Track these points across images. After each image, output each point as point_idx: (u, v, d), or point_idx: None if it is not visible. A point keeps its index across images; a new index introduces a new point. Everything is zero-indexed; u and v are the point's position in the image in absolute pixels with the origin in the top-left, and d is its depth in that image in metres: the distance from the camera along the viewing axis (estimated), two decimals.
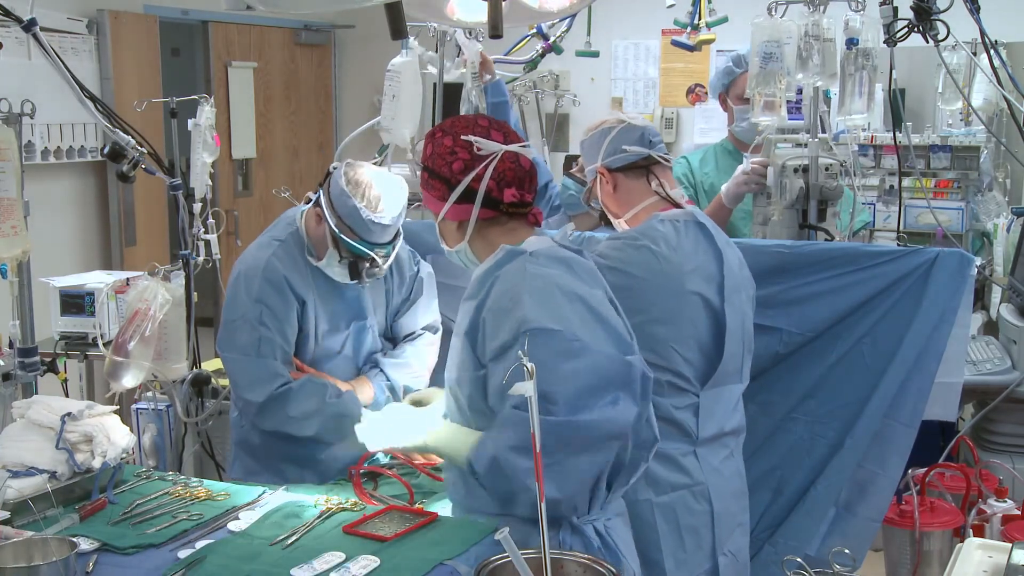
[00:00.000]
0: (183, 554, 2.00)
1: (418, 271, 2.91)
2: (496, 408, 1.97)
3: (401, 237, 2.69)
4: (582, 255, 2.12)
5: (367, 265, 2.63)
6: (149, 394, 3.10)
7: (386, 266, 2.67)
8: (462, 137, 2.04)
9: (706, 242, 2.47)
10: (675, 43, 3.82)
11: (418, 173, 3.38)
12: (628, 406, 1.93)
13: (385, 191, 2.60)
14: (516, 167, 2.05)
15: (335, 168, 2.64)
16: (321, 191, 2.63)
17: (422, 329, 2.93)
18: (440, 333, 2.95)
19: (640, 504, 2.36)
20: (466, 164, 2.03)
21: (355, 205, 2.55)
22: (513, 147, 2.05)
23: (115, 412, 2.43)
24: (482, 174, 2.02)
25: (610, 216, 2.60)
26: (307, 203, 2.72)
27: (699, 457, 2.42)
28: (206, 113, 3.27)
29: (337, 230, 2.58)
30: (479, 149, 2.02)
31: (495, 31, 2.25)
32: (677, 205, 2.51)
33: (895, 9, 2.85)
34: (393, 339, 2.92)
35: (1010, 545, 1.84)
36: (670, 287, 2.39)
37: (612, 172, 2.53)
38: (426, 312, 2.93)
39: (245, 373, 2.64)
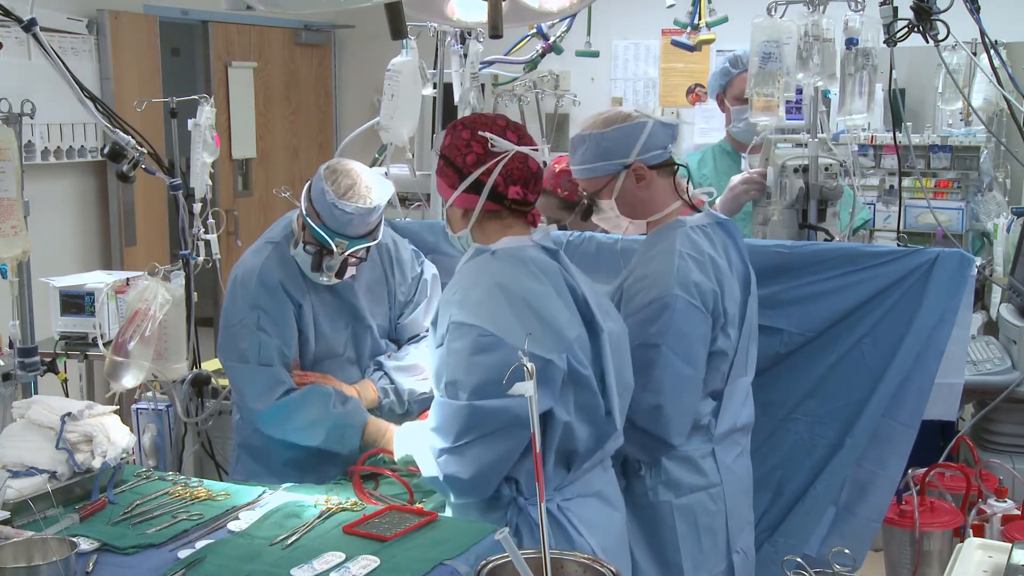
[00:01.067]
0: (183, 554, 2.00)
1: (422, 272, 2.90)
2: (435, 391, 2.15)
3: (376, 239, 2.63)
4: (558, 255, 2.22)
5: (329, 257, 2.59)
6: (149, 394, 3.11)
7: (340, 260, 2.58)
8: (479, 132, 2.15)
9: (730, 241, 2.51)
10: (675, 43, 3.82)
11: (417, 173, 3.42)
12: (539, 399, 1.95)
13: (360, 184, 2.56)
14: (524, 167, 2.17)
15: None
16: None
17: (425, 330, 2.90)
18: None
19: (661, 506, 2.40)
20: (479, 158, 2.16)
21: (323, 188, 2.54)
22: (524, 149, 2.17)
23: (115, 412, 2.43)
24: (491, 169, 2.14)
25: (621, 215, 2.52)
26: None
27: (715, 456, 2.45)
28: (206, 113, 3.27)
29: (306, 212, 2.57)
30: (493, 146, 2.14)
31: (495, 31, 2.25)
32: (695, 206, 2.50)
33: (895, 9, 2.85)
34: (397, 341, 2.91)
35: (1010, 545, 1.84)
36: (727, 294, 2.42)
37: (650, 169, 2.47)
38: (431, 313, 2.90)
39: (248, 381, 2.62)
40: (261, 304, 2.62)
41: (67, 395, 3.46)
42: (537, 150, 2.20)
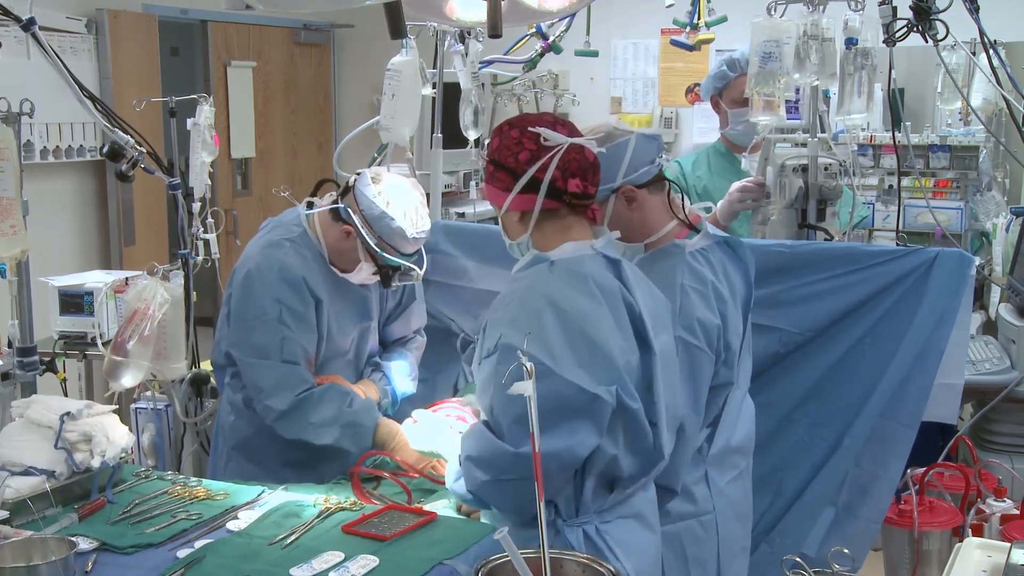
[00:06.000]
0: (182, 553, 2.00)
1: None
2: (480, 405, 2.07)
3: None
4: (620, 266, 2.10)
5: (399, 272, 2.67)
6: (148, 394, 3.10)
7: (423, 271, 2.70)
8: (529, 129, 2.05)
9: (730, 262, 2.42)
10: (674, 43, 3.82)
11: (417, 173, 3.42)
12: (587, 437, 1.95)
13: (418, 203, 2.64)
14: (581, 158, 2.06)
15: (355, 182, 2.63)
16: (347, 208, 2.62)
17: (413, 332, 2.96)
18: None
19: None
20: (532, 154, 2.04)
21: (400, 227, 2.58)
22: (579, 140, 2.06)
23: (114, 412, 2.43)
24: (547, 164, 2.02)
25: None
26: (308, 207, 2.69)
27: (708, 481, 2.37)
28: (205, 112, 3.27)
29: (378, 248, 2.60)
30: (546, 140, 2.03)
31: (494, 31, 2.25)
32: (691, 224, 2.38)
33: (894, 9, 2.85)
34: (383, 342, 2.93)
35: (1009, 545, 1.84)
36: (731, 327, 2.34)
37: (639, 189, 2.33)
38: (418, 316, 2.97)
39: (268, 378, 2.59)
40: (284, 299, 2.59)
41: (66, 395, 3.45)
42: (592, 140, 2.09)
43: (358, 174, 2.66)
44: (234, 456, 2.77)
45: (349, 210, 2.61)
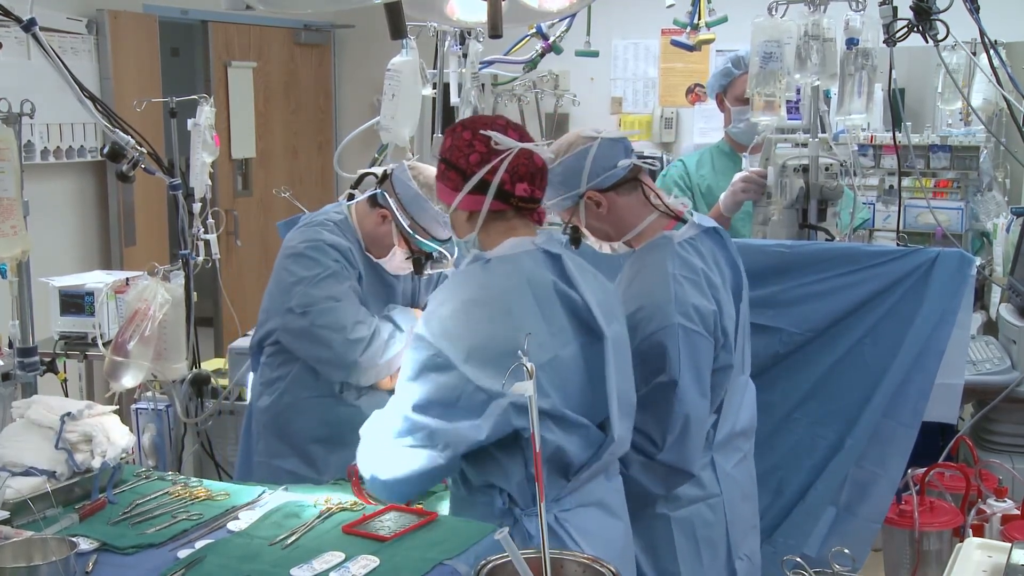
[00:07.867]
0: (183, 554, 2.00)
1: (442, 272, 2.99)
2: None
3: None
4: (560, 259, 2.13)
5: (431, 259, 2.79)
6: (149, 394, 3.11)
7: (455, 258, 2.79)
8: (481, 132, 2.12)
9: (719, 250, 2.44)
10: (675, 43, 3.82)
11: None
12: (472, 428, 2.00)
13: None
14: (529, 163, 2.13)
15: (392, 170, 2.76)
16: (383, 192, 2.74)
17: None
18: None
19: (658, 519, 2.35)
20: (482, 157, 2.11)
21: (434, 209, 2.68)
22: (528, 145, 2.13)
23: (115, 412, 2.43)
24: (497, 167, 2.10)
25: (600, 241, 2.49)
26: (348, 199, 2.81)
27: (715, 465, 2.39)
28: (206, 113, 3.28)
29: (411, 231, 2.71)
30: (496, 144, 2.10)
31: (495, 31, 2.25)
32: (677, 215, 2.43)
33: (895, 9, 2.85)
34: None
35: (1009, 545, 1.84)
36: (725, 313, 2.36)
37: (604, 193, 2.40)
38: None
39: (348, 315, 2.67)
40: (338, 259, 2.71)
41: (67, 395, 3.46)
42: (541, 146, 2.15)
43: (411, 166, 2.78)
44: (264, 435, 2.83)
45: (386, 194, 2.74)
